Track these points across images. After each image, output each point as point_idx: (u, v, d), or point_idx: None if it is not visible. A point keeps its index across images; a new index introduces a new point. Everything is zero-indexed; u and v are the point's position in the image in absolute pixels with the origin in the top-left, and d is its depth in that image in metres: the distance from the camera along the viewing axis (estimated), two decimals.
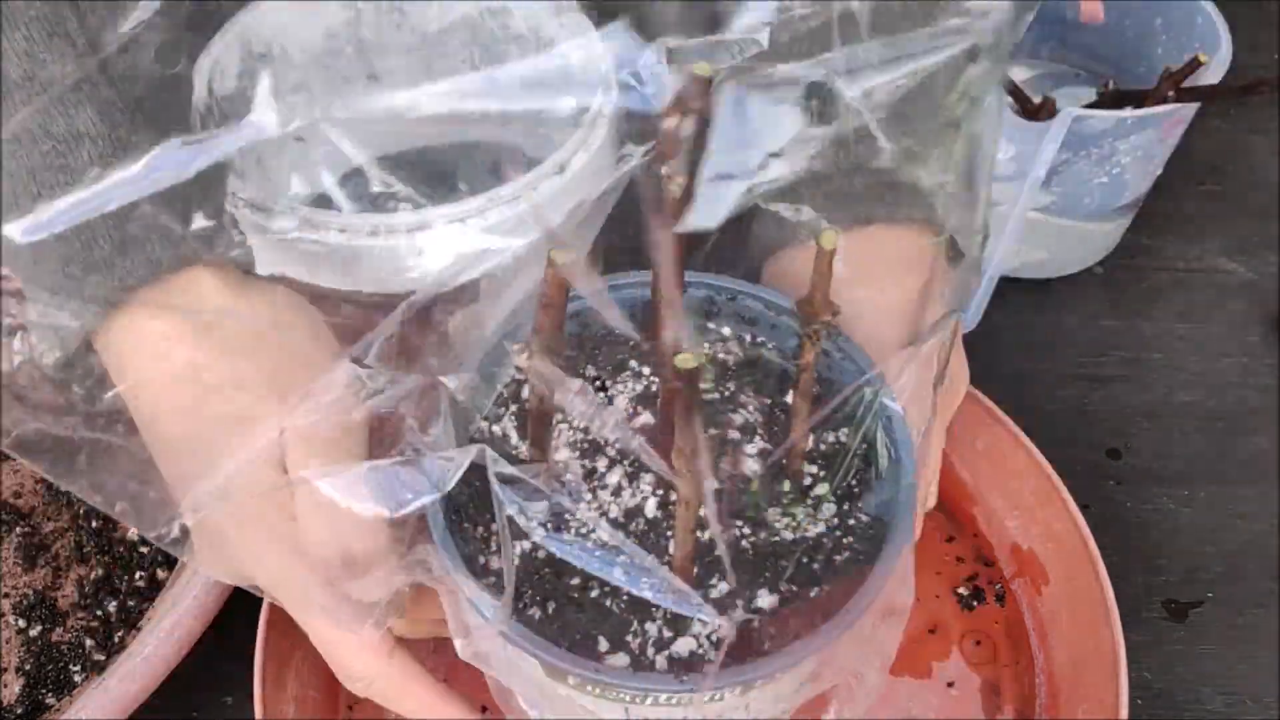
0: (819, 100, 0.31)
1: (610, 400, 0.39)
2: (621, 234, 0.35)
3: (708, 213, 0.26)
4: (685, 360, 0.26)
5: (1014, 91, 0.57)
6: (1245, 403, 0.60)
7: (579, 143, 0.47)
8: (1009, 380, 0.54)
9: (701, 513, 0.30)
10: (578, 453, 0.37)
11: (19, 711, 0.47)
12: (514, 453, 0.38)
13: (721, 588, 0.35)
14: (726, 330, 0.41)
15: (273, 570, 0.37)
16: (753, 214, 0.46)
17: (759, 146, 0.29)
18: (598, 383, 0.39)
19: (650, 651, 0.33)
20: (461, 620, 0.36)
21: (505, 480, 0.32)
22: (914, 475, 0.36)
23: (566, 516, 0.34)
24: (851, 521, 0.36)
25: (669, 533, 0.35)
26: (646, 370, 0.40)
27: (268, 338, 0.37)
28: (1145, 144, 0.57)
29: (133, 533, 0.52)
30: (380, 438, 0.36)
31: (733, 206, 0.27)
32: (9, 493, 0.54)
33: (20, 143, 0.33)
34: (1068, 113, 0.54)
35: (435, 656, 0.44)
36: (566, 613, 0.34)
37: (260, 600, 0.45)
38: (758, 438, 0.38)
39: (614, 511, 0.36)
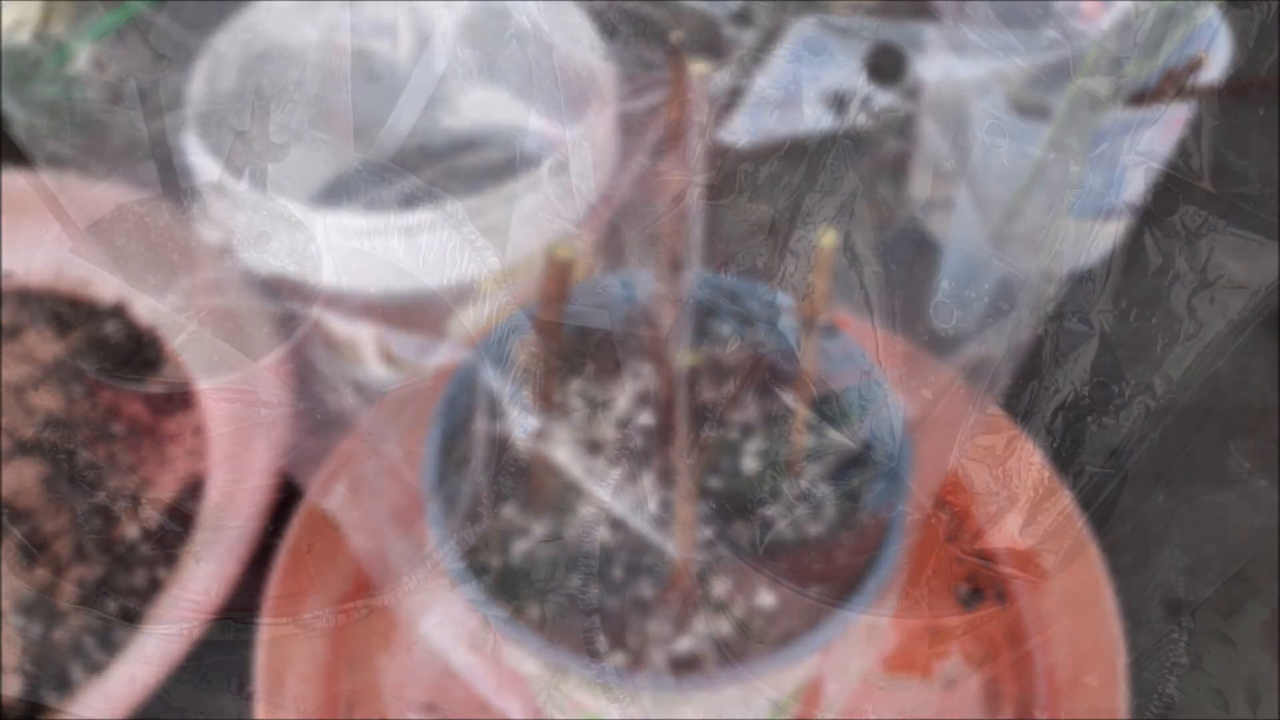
0: (887, 60, 0.29)
1: (611, 399, 0.39)
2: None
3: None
4: (683, 359, 0.26)
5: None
6: (1245, 403, 0.60)
7: (578, 142, 0.47)
8: None
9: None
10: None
11: (19, 711, 0.47)
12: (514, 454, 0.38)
13: (722, 586, 0.35)
14: (726, 330, 0.41)
15: None
16: None
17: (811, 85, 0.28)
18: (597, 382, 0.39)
19: (650, 651, 0.33)
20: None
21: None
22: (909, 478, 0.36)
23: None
24: (852, 521, 0.36)
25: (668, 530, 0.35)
26: (646, 370, 0.40)
27: None
28: (1145, 144, 0.57)
29: (133, 532, 0.52)
30: None
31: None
32: (9, 492, 0.54)
33: None
34: None
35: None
36: (566, 612, 0.34)
37: (260, 600, 0.45)
38: (757, 437, 0.38)
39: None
